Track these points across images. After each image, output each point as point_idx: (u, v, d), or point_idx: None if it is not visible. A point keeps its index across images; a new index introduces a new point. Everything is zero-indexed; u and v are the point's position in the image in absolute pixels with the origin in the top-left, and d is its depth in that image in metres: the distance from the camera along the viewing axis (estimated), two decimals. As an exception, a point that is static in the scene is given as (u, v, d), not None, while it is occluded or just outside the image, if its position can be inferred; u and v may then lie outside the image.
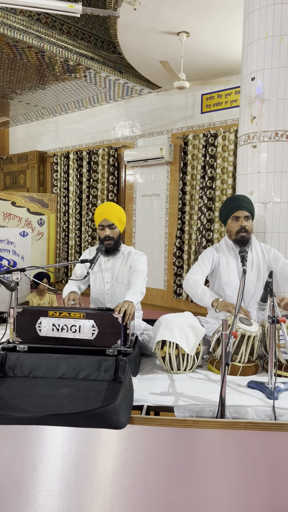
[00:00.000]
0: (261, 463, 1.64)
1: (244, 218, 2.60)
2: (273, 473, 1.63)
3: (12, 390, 1.83)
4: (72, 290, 2.60)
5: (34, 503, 1.71)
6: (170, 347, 2.09)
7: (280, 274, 2.61)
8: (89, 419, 1.54)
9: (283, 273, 2.59)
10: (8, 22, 4.93)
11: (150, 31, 4.97)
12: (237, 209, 2.61)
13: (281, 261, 2.61)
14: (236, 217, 2.61)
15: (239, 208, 2.61)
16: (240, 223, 2.60)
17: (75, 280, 2.67)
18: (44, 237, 8.14)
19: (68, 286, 2.67)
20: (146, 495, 1.67)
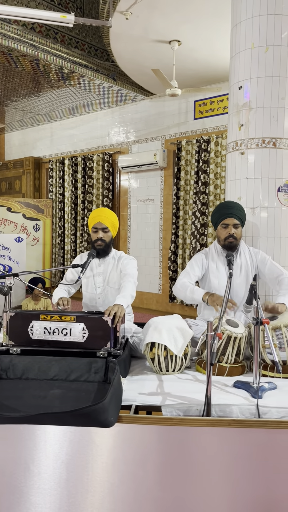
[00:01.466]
0: (245, 459, 1.70)
1: (233, 226, 2.67)
2: (257, 468, 1.69)
3: (4, 391, 1.89)
4: (62, 295, 2.65)
5: (26, 501, 1.77)
6: (159, 349, 2.15)
7: (269, 275, 2.68)
8: (78, 418, 1.60)
9: (272, 274, 2.66)
10: (2, 31, 5.01)
11: (142, 40, 5.07)
12: (226, 217, 2.68)
13: (269, 263, 2.69)
14: (225, 224, 2.68)
15: (229, 215, 2.68)
16: (229, 231, 2.67)
17: (65, 285, 2.73)
18: (40, 242, 8.19)
19: (58, 290, 2.72)
20: (135, 492, 1.73)
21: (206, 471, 1.72)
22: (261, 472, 1.69)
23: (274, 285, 2.68)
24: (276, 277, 2.63)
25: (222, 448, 1.71)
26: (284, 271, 2.65)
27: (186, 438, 1.72)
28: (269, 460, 1.70)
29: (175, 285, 2.69)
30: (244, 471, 1.70)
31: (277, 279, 2.62)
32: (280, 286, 2.57)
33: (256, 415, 1.79)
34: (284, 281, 2.56)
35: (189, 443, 1.72)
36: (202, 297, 2.53)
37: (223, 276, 2.69)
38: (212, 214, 2.79)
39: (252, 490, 1.70)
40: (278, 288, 2.60)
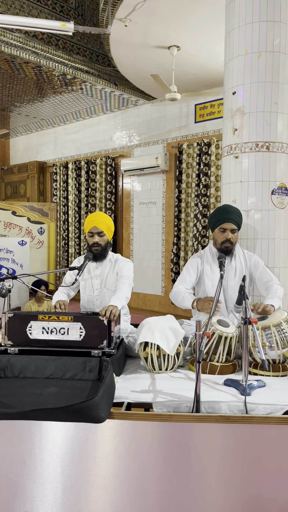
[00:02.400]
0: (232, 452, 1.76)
1: (230, 231, 2.73)
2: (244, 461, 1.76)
3: (2, 389, 1.97)
4: (61, 298, 2.74)
5: (23, 494, 1.84)
6: (152, 348, 2.22)
7: (259, 280, 2.74)
8: (71, 413, 1.67)
9: (262, 279, 2.73)
10: (5, 39, 5.13)
11: (141, 46, 5.15)
12: (225, 221, 2.73)
13: (261, 268, 2.75)
14: (223, 229, 2.74)
15: (227, 220, 2.73)
16: (226, 235, 2.73)
17: (64, 287, 2.81)
18: (45, 245, 8.31)
19: (58, 293, 2.81)
20: (127, 485, 1.80)
21: (195, 465, 1.78)
22: (248, 465, 1.76)
23: (262, 290, 2.74)
24: (265, 282, 2.70)
25: (210, 443, 1.77)
26: (274, 278, 2.72)
27: (175, 433, 1.79)
28: (255, 454, 1.76)
29: (171, 292, 2.78)
30: (231, 465, 1.76)
31: (266, 284, 2.69)
32: (268, 291, 2.63)
33: (244, 411, 1.85)
34: (272, 287, 2.63)
35: (179, 438, 1.79)
36: (191, 305, 2.60)
37: (216, 277, 2.76)
38: (211, 217, 2.85)
39: (239, 482, 1.76)
40: (266, 293, 2.66)
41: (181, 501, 1.79)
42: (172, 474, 1.79)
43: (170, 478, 1.79)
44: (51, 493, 1.83)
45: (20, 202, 8.28)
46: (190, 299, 2.60)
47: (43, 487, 1.83)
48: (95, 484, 1.81)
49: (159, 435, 1.80)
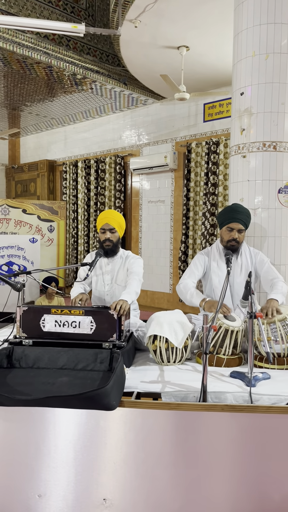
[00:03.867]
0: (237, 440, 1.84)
1: (237, 231, 2.80)
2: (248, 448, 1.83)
3: (17, 379, 2.06)
4: (80, 291, 2.83)
5: (37, 477, 1.94)
6: (161, 341, 2.30)
7: (264, 277, 2.80)
8: (83, 401, 1.76)
9: (267, 276, 2.78)
10: (17, 40, 5.23)
11: (151, 46, 5.22)
12: (233, 221, 2.79)
13: (266, 265, 2.81)
14: (230, 228, 2.80)
15: (235, 220, 2.79)
16: (233, 235, 2.79)
17: (80, 282, 2.90)
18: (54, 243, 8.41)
19: (75, 288, 2.90)
20: (135, 470, 1.88)
21: (201, 452, 1.86)
22: (252, 453, 1.83)
23: (267, 287, 2.79)
24: (271, 279, 2.75)
25: (216, 431, 1.85)
26: (279, 275, 2.77)
27: (183, 421, 1.87)
28: (259, 442, 1.83)
29: (178, 285, 2.83)
30: (236, 452, 1.84)
31: (271, 281, 2.74)
32: (273, 288, 2.67)
33: (249, 401, 1.93)
34: (277, 284, 2.67)
35: (186, 426, 1.87)
36: (199, 304, 2.65)
37: (223, 274, 2.82)
38: (220, 215, 2.91)
39: (243, 470, 1.83)
40: (270, 289, 2.71)
41: (187, 487, 1.87)
42: (179, 461, 1.87)
43: (177, 464, 1.87)
44: (64, 477, 1.92)
45: (30, 200, 8.39)
46: (198, 298, 2.65)
47: (56, 471, 1.92)
48: (106, 469, 1.90)
49: (167, 423, 1.88)
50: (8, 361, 2.19)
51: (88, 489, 1.91)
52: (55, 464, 1.92)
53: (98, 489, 1.90)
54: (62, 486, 1.92)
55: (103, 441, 1.90)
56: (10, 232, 8.16)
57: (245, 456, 1.85)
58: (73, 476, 1.92)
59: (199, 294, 2.69)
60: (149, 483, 1.89)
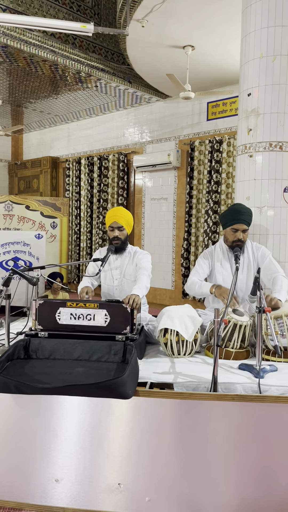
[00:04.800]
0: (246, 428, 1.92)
1: (241, 231, 2.88)
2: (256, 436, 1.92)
3: (35, 369, 2.15)
4: (86, 285, 2.91)
5: (55, 463, 2.03)
6: (171, 334, 2.39)
7: (265, 271, 2.88)
8: (101, 389, 1.84)
9: (267, 270, 2.87)
10: (24, 38, 5.28)
11: (157, 46, 5.29)
12: (237, 222, 2.87)
13: (267, 260, 2.90)
14: (235, 229, 2.88)
15: (240, 221, 2.87)
16: (238, 236, 2.88)
17: (88, 277, 2.98)
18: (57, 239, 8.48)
19: (83, 282, 2.99)
20: (149, 457, 1.97)
21: (212, 439, 1.95)
22: (260, 441, 1.92)
23: (267, 281, 2.87)
24: (271, 273, 2.83)
25: (226, 419, 1.94)
26: (280, 270, 2.85)
27: (195, 410, 1.95)
28: (268, 430, 1.92)
29: (186, 284, 2.94)
30: (244, 439, 1.92)
31: (271, 275, 2.82)
32: (274, 284, 2.75)
33: (258, 392, 2.01)
34: (278, 279, 2.75)
35: (198, 414, 1.96)
36: (209, 290, 2.76)
37: (227, 272, 2.92)
38: (223, 215, 2.99)
39: (251, 455, 1.92)
40: (271, 285, 2.79)
41: (198, 472, 1.96)
42: (190, 448, 1.96)
43: (188, 451, 1.96)
44: (80, 463, 2.00)
45: (33, 197, 8.45)
46: (208, 286, 2.76)
47: (73, 457, 2.01)
48: (121, 456, 1.98)
49: (180, 412, 1.96)
50: (25, 353, 2.27)
51: (103, 474, 2.00)
52: (72, 450, 2.01)
53: (113, 474, 1.99)
54: (79, 471, 2.01)
55: (118, 428, 1.98)
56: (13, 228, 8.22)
57: (253, 443, 1.93)
58: (89, 462, 2.00)
59: (207, 283, 2.79)
60: (162, 469, 1.98)
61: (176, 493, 1.98)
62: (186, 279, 7.03)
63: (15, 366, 2.13)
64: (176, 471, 1.98)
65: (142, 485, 1.99)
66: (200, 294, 2.84)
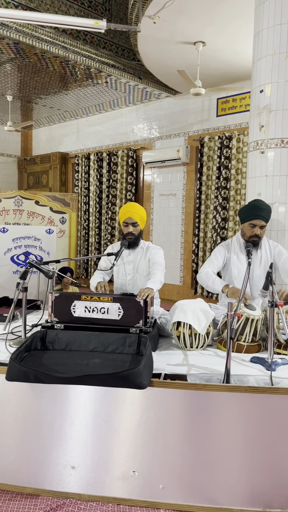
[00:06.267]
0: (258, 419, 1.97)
1: (259, 227, 2.91)
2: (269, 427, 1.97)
3: (52, 359, 2.20)
4: (99, 280, 2.96)
5: (72, 450, 2.09)
6: (184, 327, 2.44)
7: (282, 268, 2.93)
8: (117, 379, 1.90)
9: (285, 267, 2.91)
10: (36, 35, 5.33)
11: (168, 42, 5.30)
12: (256, 218, 2.90)
13: (284, 257, 2.93)
14: (253, 224, 2.92)
15: (258, 217, 2.90)
16: (255, 231, 2.91)
17: (101, 271, 3.04)
18: (66, 234, 8.55)
19: (95, 277, 3.04)
20: (164, 446, 2.03)
21: (224, 429, 2.00)
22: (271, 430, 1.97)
23: (285, 278, 2.92)
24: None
25: (238, 410, 1.99)
26: None
27: (208, 401, 2.00)
28: (280, 421, 1.97)
29: (199, 273, 2.97)
30: (257, 429, 1.97)
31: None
32: None
33: (270, 384, 2.06)
34: None
35: (211, 405, 2.01)
36: (222, 289, 2.80)
37: (243, 266, 2.95)
38: (243, 210, 3.01)
39: (262, 445, 1.97)
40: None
41: (211, 461, 2.02)
42: (204, 437, 2.01)
43: (202, 440, 2.01)
44: (97, 451, 2.06)
45: (43, 192, 8.52)
46: (220, 284, 2.80)
47: (89, 445, 2.07)
48: (136, 444, 2.04)
49: (193, 402, 2.01)
50: (42, 344, 2.34)
51: (118, 461, 2.06)
52: (88, 438, 2.07)
53: (128, 462, 2.05)
54: (94, 459, 2.07)
55: (134, 417, 2.04)
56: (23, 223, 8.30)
57: (265, 434, 1.98)
58: (105, 450, 2.06)
59: (221, 280, 2.83)
60: (175, 458, 2.03)
61: (189, 481, 2.04)
62: (194, 275, 7.07)
63: (33, 357, 2.20)
64: (189, 460, 2.03)
65: (156, 473, 2.05)
66: (212, 289, 2.89)
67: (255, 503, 2.01)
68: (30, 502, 2.07)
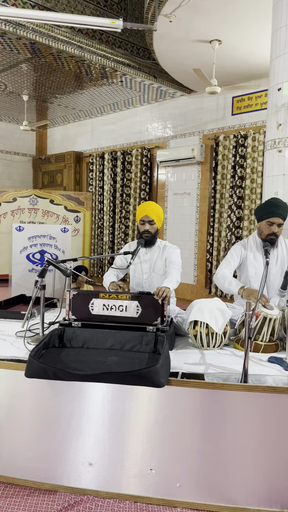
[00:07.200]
0: (277, 420, 1.96)
1: (277, 225, 2.89)
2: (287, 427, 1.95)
3: (70, 357, 2.22)
4: (112, 279, 2.97)
5: (89, 447, 2.10)
6: (201, 327, 2.43)
7: None
8: (136, 377, 1.90)
9: None
10: (53, 35, 5.36)
11: (184, 40, 5.29)
12: (273, 216, 2.87)
13: None
14: (270, 222, 2.89)
15: (276, 215, 2.87)
16: (273, 229, 2.88)
17: (115, 269, 3.05)
18: (80, 233, 8.60)
19: (108, 275, 3.04)
20: (181, 443, 2.03)
21: (242, 429, 1.99)
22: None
23: None
24: None
25: (256, 410, 1.98)
26: None
27: (225, 400, 2.00)
28: (299, 422, 1.95)
29: (215, 274, 2.95)
30: (275, 430, 1.96)
31: None
32: None
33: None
34: None
35: (228, 405, 2.00)
36: (238, 291, 2.77)
37: (260, 265, 2.93)
38: (259, 208, 2.99)
39: (280, 445, 1.96)
40: None
41: (228, 461, 2.01)
42: (221, 436, 2.01)
43: (219, 440, 2.01)
44: (113, 448, 2.08)
45: (57, 191, 8.58)
46: (237, 286, 2.78)
47: (107, 442, 2.08)
48: (153, 442, 2.05)
49: (211, 401, 2.01)
50: (60, 341, 2.36)
51: (135, 459, 2.07)
52: (105, 435, 2.08)
53: (145, 460, 2.06)
54: (112, 456, 2.08)
55: (151, 416, 2.04)
56: (38, 221, 8.38)
57: (282, 434, 1.97)
58: (122, 447, 2.07)
59: (237, 282, 2.81)
60: (192, 456, 2.03)
61: (206, 480, 2.04)
62: (208, 274, 7.05)
63: (51, 354, 2.22)
64: (206, 459, 2.03)
65: (173, 471, 2.05)
66: (227, 290, 2.87)
67: (273, 503, 2.00)
68: (48, 498, 2.09)
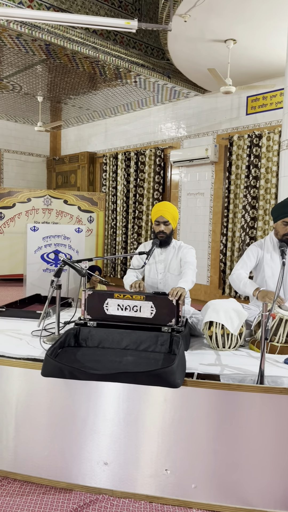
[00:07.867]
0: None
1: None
2: (304, 431, 1.94)
3: (86, 356, 2.23)
4: (134, 279, 2.97)
5: (105, 447, 2.11)
6: (217, 327, 2.42)
7: None
8: (151, 377, 1.90)
9: None
10: (68, 36, 5.40)
11: (198, 40, 5.27)
12: None
13: None
14: (286, 222, 2.86)
15: None
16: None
17: (133, 270, 3.05)
18: (93, 233, 8.64)
19: (129, 275, 3.05)
20: (196, 444, 2.03)
21: (258, 430, 1.98)
22: (308, 434, 1.93)
23: None
24: None
25: (272, 411, 1.96)
26: None
27: (241, 401, 1.99)
28: (316, 425, 1.93)
29: (231, 275, 2.94)
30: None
31: None
32: None
33: (305, 386, 2.02)
34: None
35: (244, 406, 1.99)
36: (253, 293, 2.75)
37: (276, 266, 2.91)
38: (275, 209, 2.97)
39: (300, 449, 1.94)
40: None
41: (244, 463, 2.00)
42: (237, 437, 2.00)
43: (235, 441, 2.00)
44: (129, 447, 2.08)
45: (71, 191, 8.63)
46: (252, 287, 2.76)
47: (122, 441, 2.09)
48: (169, 442, 2.04)
49: (227, 402, 2.00)
50: (75, 341, 2.37)
51: (151, 459, 2.07)
52: (121, 435, 2.08)
53: (161, 460, 2.06)
54: (127, 456, 2.09)
55: (167, 416, 2.04)
56: (52, 222, 8.44)
57: (301, 436, 1.95)
58: (137, 447, 2.08)
59: (252, 283, 2.79)
60: (208, 457, 2.03)
61: (222, 482, 2.03)
62: (222, 275, 7.01)
63: (67, 353, 2.23)
64: (222, 460, 2.02)
65: (188, 472, 2.05)
66: (243, 292, 2.85)
67: (289, 507, 1.98)
68: (63, 497, 2.11)
